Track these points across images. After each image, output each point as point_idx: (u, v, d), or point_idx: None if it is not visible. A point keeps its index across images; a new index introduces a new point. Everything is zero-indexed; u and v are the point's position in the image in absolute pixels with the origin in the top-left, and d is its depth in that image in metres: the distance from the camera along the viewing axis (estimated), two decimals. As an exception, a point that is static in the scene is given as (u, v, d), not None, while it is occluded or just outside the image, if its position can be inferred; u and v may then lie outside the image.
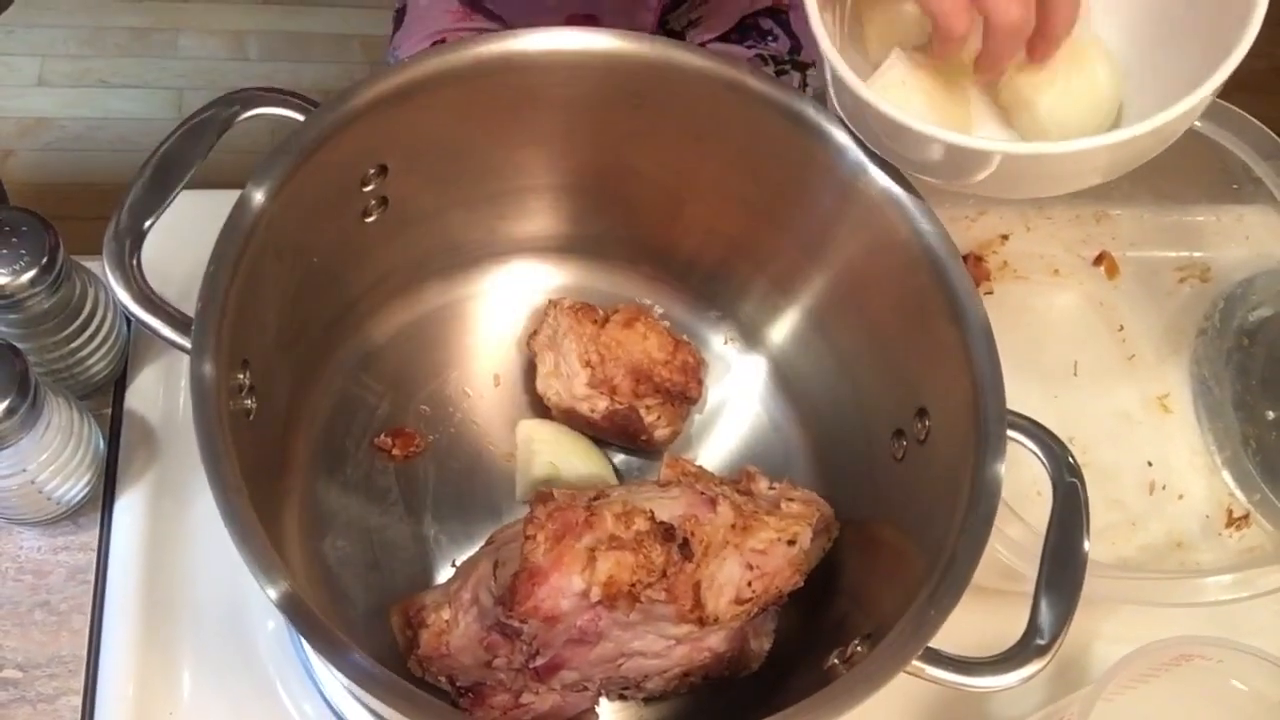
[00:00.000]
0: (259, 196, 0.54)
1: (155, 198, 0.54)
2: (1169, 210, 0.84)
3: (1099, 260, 0.86)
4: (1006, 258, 0.85)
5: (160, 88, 1.85)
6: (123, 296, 0.51)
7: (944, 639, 0.51)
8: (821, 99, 0.61)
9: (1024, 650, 0.51)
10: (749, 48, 0.98)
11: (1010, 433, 0.55)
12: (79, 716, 0.62)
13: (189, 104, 1.81)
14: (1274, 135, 0.76)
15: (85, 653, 0.64)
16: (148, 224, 0.53)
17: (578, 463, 0.69)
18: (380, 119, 0.58)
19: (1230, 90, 0.73)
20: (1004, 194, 0.65)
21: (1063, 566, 0.53)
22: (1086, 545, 0.54)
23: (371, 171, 0.61)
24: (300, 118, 0.56)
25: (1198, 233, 0.84)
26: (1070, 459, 0.57)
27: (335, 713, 0.64)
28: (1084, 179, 0.57)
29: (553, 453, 0.70)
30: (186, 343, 0.51)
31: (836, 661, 0.56)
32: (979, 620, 0.55)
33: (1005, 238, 0.85)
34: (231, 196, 0.55)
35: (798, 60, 0.98)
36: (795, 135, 0.61)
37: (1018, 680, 0.51)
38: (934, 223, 0.58)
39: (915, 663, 0.50)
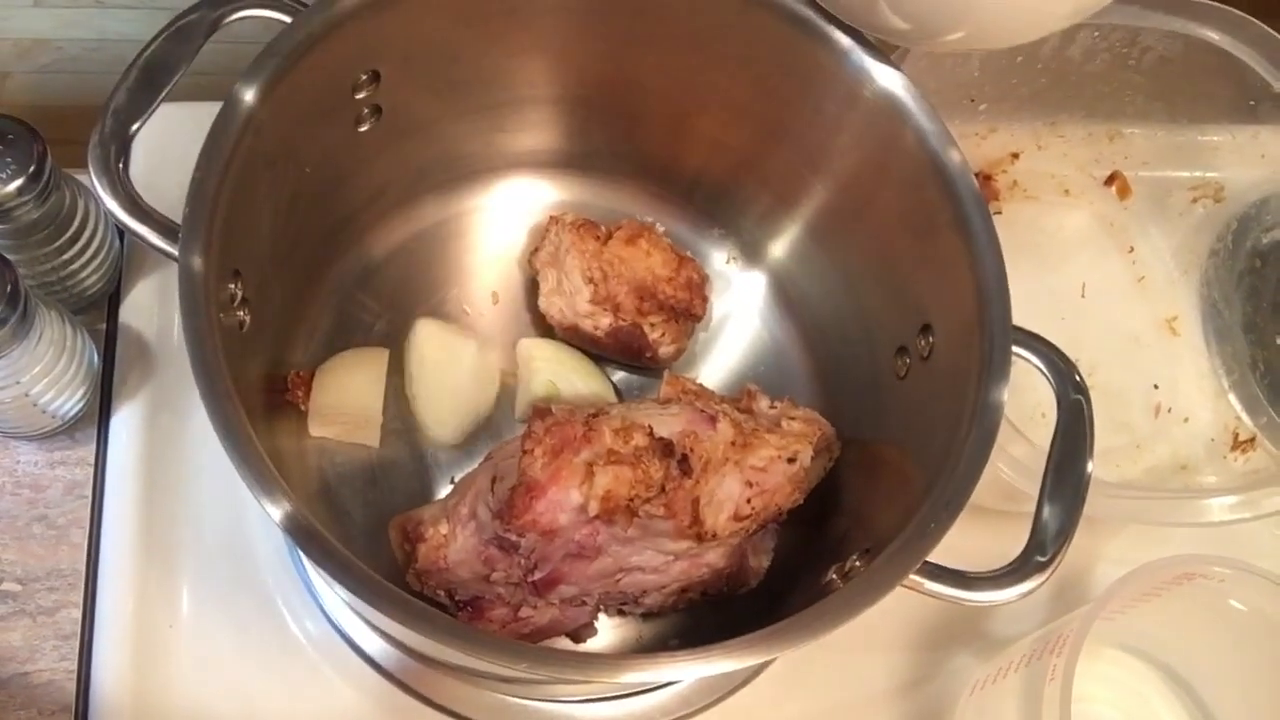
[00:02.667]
0: (247, 99, 0.52)
1: (141, 102, 0.52)
2: (1183, 129, 0.82)
3: (1111, 180, 0.84)
4: (1016, 177, 0.84)
5: (157, 9, 1.81)
6: (109, 203, 0.50)
7: (945, 558, 0.50)
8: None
9: (1024, 565, 0.51)
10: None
11: (1015, 348, 0.54)
12: (79, 629, 0.63)
13: (186, 25, 1.77)
14: (1294, 49, 0.74)
15: (84, 566, 0.64)
16: (134, 129, 0.52)
17: (578, 381, 0.69)
18: (371, 21, 0.56)
19: (1251, 13, 0.72)
20: (982, 43, 0.62)
21: (1065, 481, 0.53)
22: (1090, 461, 0.53)
23: (364, 77, 0.59)
24: (288, 20, 0.54)
25: (1212, 152, 0.82)
26: (1076, 376, 0.56)
27: (335, 627, 0.64)
28: (1057, 14, 0.55)
29: (553, 371, 0.69)
30: (174, 250, 0.50)
31: (834, 576, 0.56)
32: (981, 541, 0.54)
33: (1016, 156, 0.83)
34: (221, 109, 0.53)
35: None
36: (798, 40, 0.59)
37: (1017, 595, 0.50)
38: (939, 127, 0.56)
39: (914, 576, 0.49)
